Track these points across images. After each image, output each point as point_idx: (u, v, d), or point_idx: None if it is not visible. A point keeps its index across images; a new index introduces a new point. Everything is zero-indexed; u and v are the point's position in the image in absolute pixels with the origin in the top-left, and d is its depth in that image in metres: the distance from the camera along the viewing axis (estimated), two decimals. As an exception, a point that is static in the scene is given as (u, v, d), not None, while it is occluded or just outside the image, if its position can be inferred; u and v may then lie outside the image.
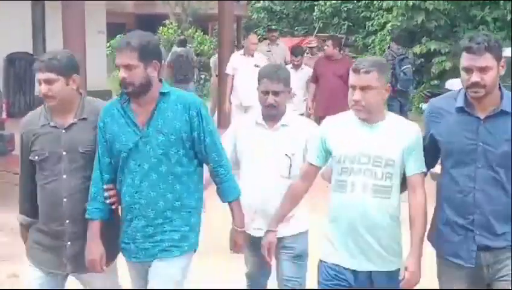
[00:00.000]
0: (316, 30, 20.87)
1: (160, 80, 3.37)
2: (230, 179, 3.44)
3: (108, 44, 20.81)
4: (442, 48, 16.19)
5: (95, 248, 3.35)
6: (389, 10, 17.60)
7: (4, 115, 7.89)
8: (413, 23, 16.55)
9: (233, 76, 9.27)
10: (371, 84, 3.23)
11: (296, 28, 22.80)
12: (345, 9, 20.81)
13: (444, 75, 15.45)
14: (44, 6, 13.70)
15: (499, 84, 3.21)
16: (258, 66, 8.36)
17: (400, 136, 3.30)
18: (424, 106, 12.26)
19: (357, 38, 20.50)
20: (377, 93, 3.26)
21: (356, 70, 3.26)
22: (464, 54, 3.14)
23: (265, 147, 3.80)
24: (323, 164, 3.48)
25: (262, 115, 3.86)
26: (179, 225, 3.33)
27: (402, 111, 10.38)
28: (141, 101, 3.30)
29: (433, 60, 16.43)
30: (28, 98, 12.73)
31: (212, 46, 21.74)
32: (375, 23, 18.80)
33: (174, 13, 27.00)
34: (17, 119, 12.67)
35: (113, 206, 3.40)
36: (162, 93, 3.31)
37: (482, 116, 3.19)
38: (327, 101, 8.87)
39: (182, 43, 13.83)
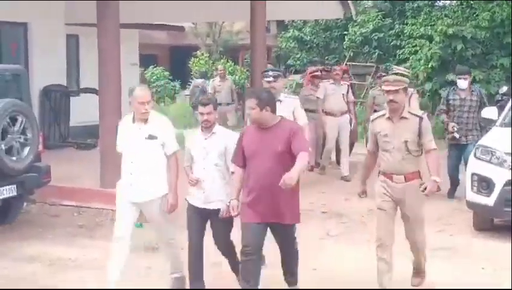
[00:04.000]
0: (347, 59, 20.86)
1: None
2: None
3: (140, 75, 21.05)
4: (477, 75, 16.05)
5: None
6: (423, 37, 17.50)
7: (40, 147, 7.94)
8: (449, 51, 16.47)
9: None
10: None
11: (327, 57, 22.79)
12: (376, 38, 20.79)
13: (478, 103, 15.23)
14: (78, 39, 13.91)
15: None
16: (153, 138, 5.49)
17: None
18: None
19: (388, 67, 20.41)
20: None
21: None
22: None
23: None
24: None
25: None
26: None
27: None
28: None
29: (468, 88, 16.24)
30: (63, 129, 12.88)
31: (243, 76, 21.86)
32: (406, 51, 18.74)
33: (205, 44, 27.26)
34: (53, 150, 12.72)
35: None
36: None
37: None
38: None
39: (202, 75, 15.51)
